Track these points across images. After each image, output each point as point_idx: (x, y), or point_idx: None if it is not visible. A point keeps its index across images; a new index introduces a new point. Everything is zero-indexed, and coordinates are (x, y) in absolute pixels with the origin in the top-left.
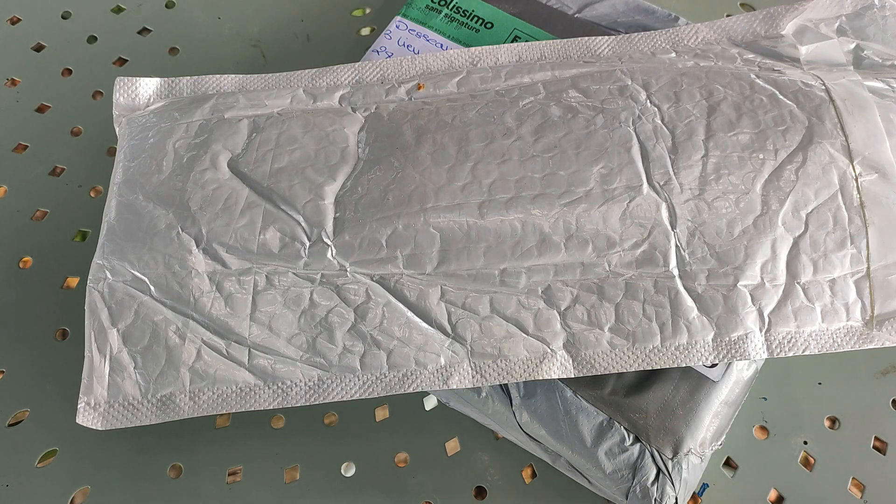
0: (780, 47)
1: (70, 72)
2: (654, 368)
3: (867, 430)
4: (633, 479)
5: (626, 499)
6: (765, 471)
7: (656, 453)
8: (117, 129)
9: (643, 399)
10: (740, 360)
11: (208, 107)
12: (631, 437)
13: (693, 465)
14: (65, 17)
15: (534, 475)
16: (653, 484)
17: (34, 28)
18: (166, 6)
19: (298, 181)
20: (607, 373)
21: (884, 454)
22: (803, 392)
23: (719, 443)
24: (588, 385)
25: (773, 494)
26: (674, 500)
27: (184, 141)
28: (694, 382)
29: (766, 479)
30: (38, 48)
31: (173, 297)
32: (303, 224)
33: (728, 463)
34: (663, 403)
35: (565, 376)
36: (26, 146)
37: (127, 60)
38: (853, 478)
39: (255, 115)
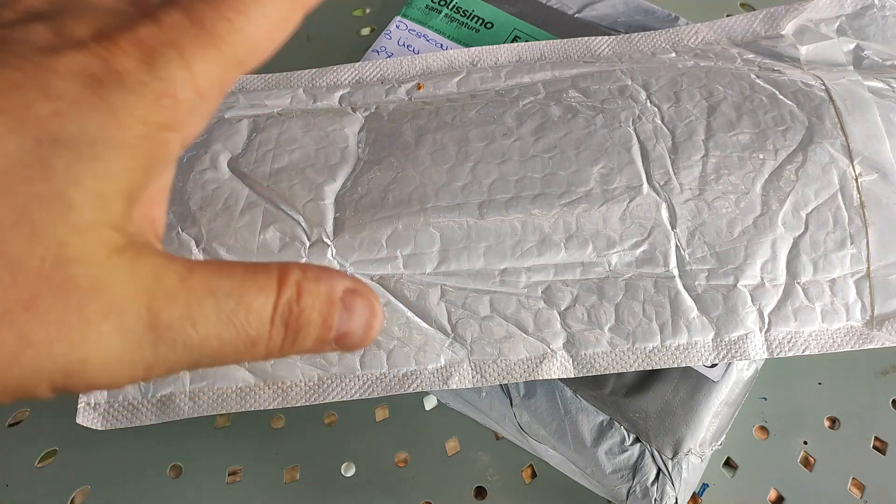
0: (780, 47)
1: None
2: (654, 369)
3: (867, 430)
4: (634, 479)
5: (627, 499)
6: (765, 471)
7: (656, 453)
8: None
9: (643, 399)
10: (740, 360)
11: None
12: (631, 437)
13: (693, 465)
14: None
15: (534, 475)
16: (653, 484)
17: None
18: None
19: (298, 181)
20: (607, 373)
21: (884, 454)
22: (803, 392)
23: (719, 443)
24: (588, 385)
25: (772, 494)
26: (674, 500)
27: None
28: (694, 382)
29: (765, 479)
30: None
31: None
32: (303, 224)
33: (728, 463)
34: (663, 403)
35: (565, 376)
36: None
37: None
38: (853, 478)
39: (255, 115)
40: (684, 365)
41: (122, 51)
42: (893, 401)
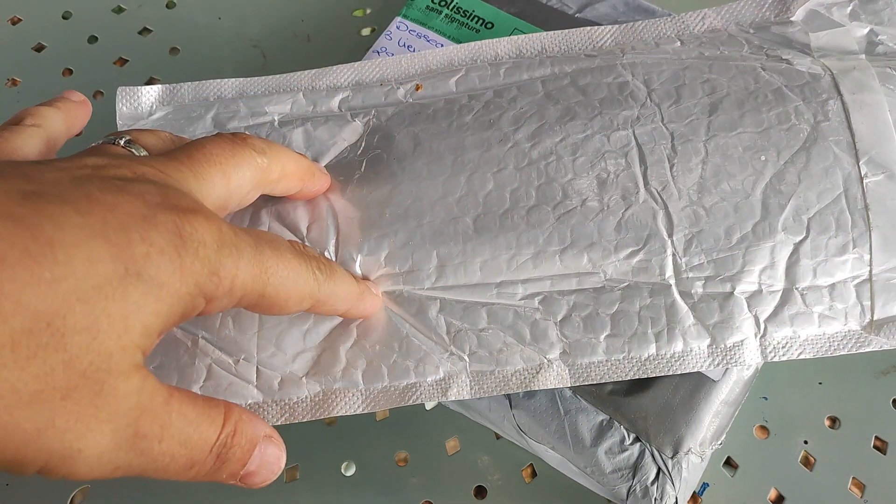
0: (789, 33)
1: (70, 72)
2: (650, 376)
3: (867, 429)
4: (634, 479)
5: (627, 498)
6: (765, 470)
7: (656, 453)
8: None
9: (643, 398)
10: (736, 366)
11: (210, 118)
12: (631, 437)
13: (693, 465)
14: (65, 17)
15: (534, 475)
16: (653, 483)
17: (35, 28)
18: (167, 6)
19: (302, 202)
20: (603, 381)
21: (884, 454)
22: (803, 392)
23: (719, 442)
24: (588, 385)
25: (773, 494)
26: (674, 500)
27: None
28: (694, 382)
29: (766, 479)
30: (39, 48)
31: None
32: (306, 243)
33: (728, 462)
34: (663, 403)
35: (562, 386)
36: None
37: (127, 61)
38: (853, 477)
39: (256, 125)
40: (680, 372)
41: (205, 229)
42: (894, 401)
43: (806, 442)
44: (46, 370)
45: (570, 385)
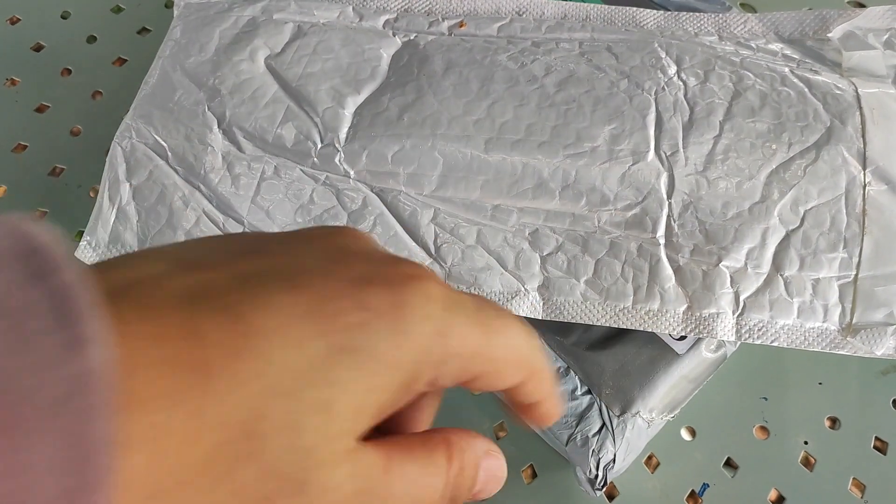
0: (824, 50)
1: (69, 72)
2: (621, 327)
3: (867, 430)
4: (576, 427)
5: (567, 445)
6: (765, 471)
7: (604, 408)
8: (175, 11)
9: (603, 355)
10: (707, 336)
11: (260, 5)
12: (583, 389)
13: (639, 428)
14: (64, 17)
15: (534, 475)
16: (594, 435)
17: (34, 28)
18: (165, 6)
19: (325, 88)
20: (574, 322)
21: (884, 454)
22: (803, 392)
23: (672, 415)
24: (554, 331)
25: (773, 494)
26: (612, 455)
27: (231, 31)
28: (658, 351)
29: (766, 479)
30: (38, 48)
31: (186, 167)
32: (319, 126)
33: (729, 463)
34: (622, 364)
35: (533, 316)
36: (26, 146)
37: (126, 60)
38: (853, 478)
39: (301, 21)
40: (651, 330)
41: (431, 285)
42: (893, 401)
43: (806, 442)
44: (237, 487)
45: (541, 317)
